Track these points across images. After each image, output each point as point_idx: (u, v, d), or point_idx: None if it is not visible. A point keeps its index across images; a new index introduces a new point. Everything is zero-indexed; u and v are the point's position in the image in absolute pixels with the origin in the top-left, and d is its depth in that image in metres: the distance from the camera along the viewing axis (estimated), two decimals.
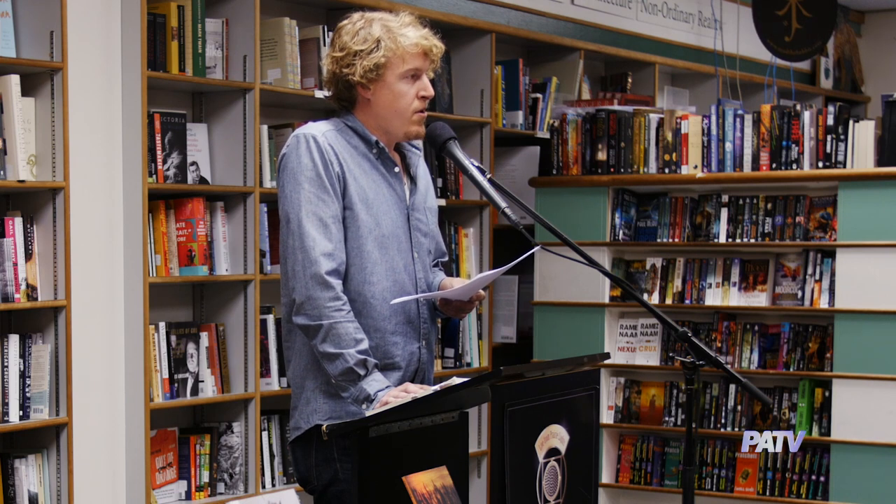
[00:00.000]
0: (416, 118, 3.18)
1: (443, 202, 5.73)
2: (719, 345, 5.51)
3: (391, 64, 3.12)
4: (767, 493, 5.42)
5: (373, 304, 3.12)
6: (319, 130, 3.12)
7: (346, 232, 3.10)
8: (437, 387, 2.94)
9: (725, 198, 5.52)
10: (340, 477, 3.12)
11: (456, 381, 2.91)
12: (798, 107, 5.45)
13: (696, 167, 5.57)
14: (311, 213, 3.04)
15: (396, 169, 3.21)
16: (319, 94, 5.00)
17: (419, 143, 3.34)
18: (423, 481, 2.91)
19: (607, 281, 5.64)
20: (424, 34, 3.16)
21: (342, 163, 3.10)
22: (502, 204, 3.04)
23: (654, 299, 5.64)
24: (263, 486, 4.89)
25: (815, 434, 5.30)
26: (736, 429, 5.47)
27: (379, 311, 3.12)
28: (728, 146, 5.52)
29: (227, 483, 4.84)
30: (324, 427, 2.92)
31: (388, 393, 3.02)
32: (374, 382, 3.03)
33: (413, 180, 3.27)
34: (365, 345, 3.04)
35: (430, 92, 3.18)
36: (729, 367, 3.03)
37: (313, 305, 3.02)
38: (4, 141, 4.17)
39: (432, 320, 3.29)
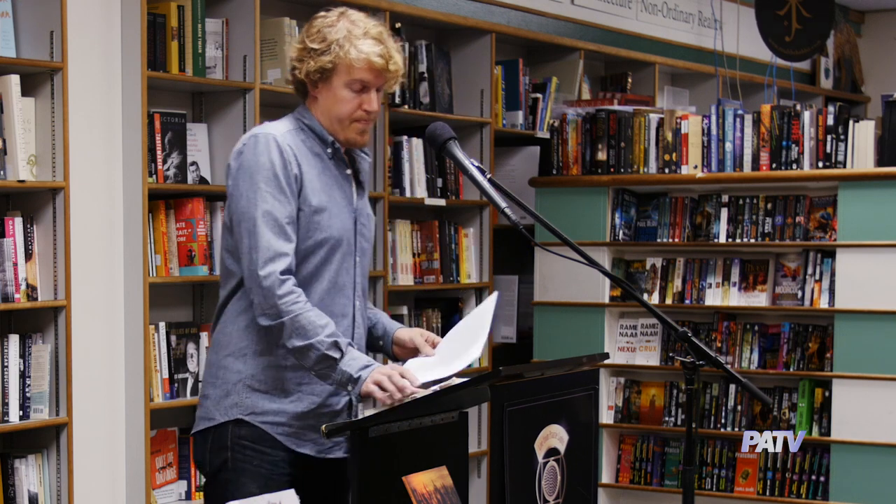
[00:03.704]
0: (355, 127, 3.16)
1: (443, 202, 5.74)
2: (719, 345, 5.51)
3: (338, 70, 3.11)
4: (767, 493, 5.42)
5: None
6: (278, 131, 3.11)
7: (298, 232, 3.08)
8: (436, 387, 2.94)
9: (725, 198, 5.52)
10: (230, 466, 3.10)
11: (455, 381, 2.92)
12: (798, 107, 5.45)
13: (696, 167, 5.57)
14: (266, 213, 3.02)
15: (348, 171, 3.20)
16: None
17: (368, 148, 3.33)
18: (423, 481, 2.91)
19: (607, 281, 5.64)
20: (382, 51, 3.12)
21: (300, 163, 3.08)
22: (502, 204, 3.03)
23: (654, 299, 5.63)
24: None
25: (815, 434, 5.30)
26: (736, 429, 5.47)
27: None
28: (728, 146, 5.52)
29: None
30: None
31: (376, 371, 2.97)
32: (353, 362, 3.00)
33: (360, 185, 3.26)
34: (332, 327, 3.01)
35: (374, 108, 3.15)
36: (729, 367, 3.03)
37: (270, 305, 3.00)
38: (4, 141, 4.17)
39: (364, 327, 3.26)
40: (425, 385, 3.00)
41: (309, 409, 3.14)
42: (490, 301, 3.19)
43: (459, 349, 3.10)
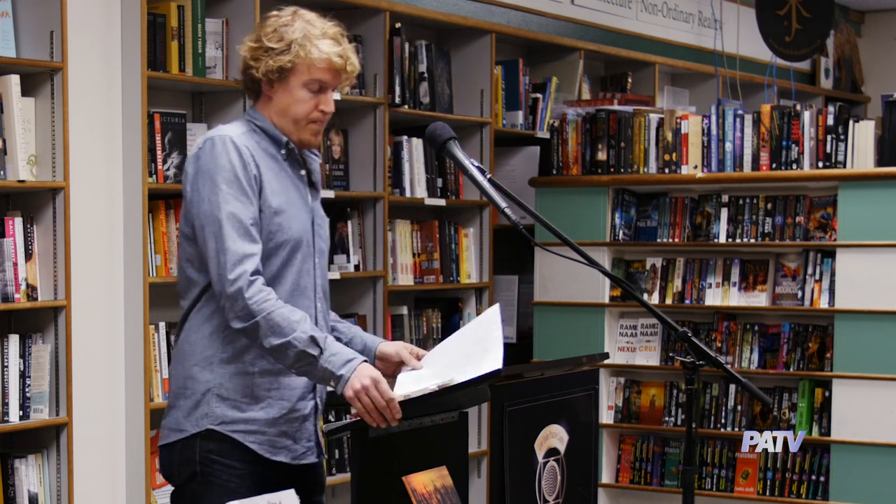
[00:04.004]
0: (311, 128, 3.13)
1: (443, 202, 5.74)
2: (719, 345, 5.51)
3: (297, 70, 3.07)
4: (767, 493, 5.42)
5: None
6: (233, 132, 3.06)
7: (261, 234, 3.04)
8: (434, 385, 2.93)
9: (725, 198, 5.52)
10: (198, 479, 3.05)
11: (456, 379, 2.91)
12: (798, 107, 5.45)
13: (696, 167, 5.57)
14: (231, 215, 2.96)
15: (303, 172, 3.16)
16: None
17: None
18: (423, 481, 2.91)
19: (607, 281, 5.64)
20: (341, 51, 3.10)
21: (258, 164, 3.04)
22: (502, 204, 3.03)
23: (654, 299, 5.63)
24: None
25: (815, 434, 5.30)
26: (736, 429, 5.47)
27: None
28: (728, 146, 5.52)
29: None
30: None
31: (356, 378, 2.89)
32: (334, 358, 2.93)
33: (314, 186, 3.22)
34: (307, 322, 2.95)
35: (331, 108, 3.12)
36: (729, 367, 3.03)
37: (241, 307, 2.94)
38: (4, 141, 4.17)
39: (326, 329, 3.20)
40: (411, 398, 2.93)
41: (280, 414, 3.08)
42: (492, 313, 3.10)
43: (460, 360, 2.99)
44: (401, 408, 2.89)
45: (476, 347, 2.99)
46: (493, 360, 2.87)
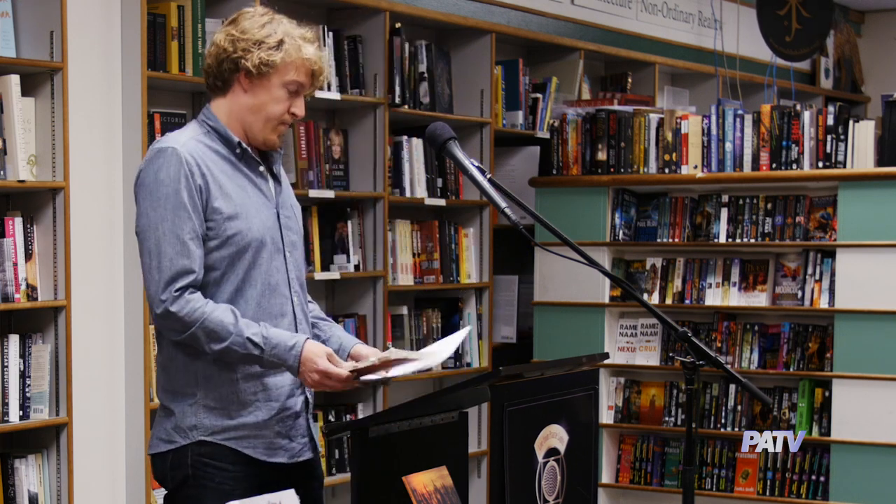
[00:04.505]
0: (279, 129, 3.11)
1: (443, 202, 5.74)
2: (719, 345, 5.51)
3: (282, 69, 3.05)
4: (767, 493, 5.42)
5: (245, 310, 3.02)
6: (179, 142, 3.02)
7: (214, 241, 3.00)
8: (375, 358, 2.96)
9: (725, 198, 5.52)
10: (191, 483, 3.03)
11: (393, 356, 2.93)
12: (798, 107, 5.45)
13: (696, 167, 5.57)
14: (167, 231, 2.94)
15: (261, 168, 3.13)
16: (319, 94, 5.00)
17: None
18: (423, 481, 2.91)
19: (607, 281, 5.64)
20: (321, 56, 3.10)
21: (204, 173, 3.00)
22: (502, 204, 3.03)
23: (654, 299, 5.64)
24: None
25: (815, 434, 5.30)
26: (736, 429, 5.47)
27: (251, 316, 3.03)
28: (728, 146, 5.52)
29: None
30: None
31: (306, 371, 2.94)
32: (276, 350, 2.95)
33: (276, 179, 3.18)
34: (240, 324, 2.94)
35: (302, 112, 3.11)
36: (729, 367, 3.03)
37: (174, 321, 2.94)
38: (4, 141, 4.17)
39: (307, 322, 3.20)
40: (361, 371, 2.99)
41: (270, 416, 3.07)
42: (460, 333, 3.17)
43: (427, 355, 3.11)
44: (402, 408, 2.93)
45: (435, 348, 3.13)
46: (439, 353, 3.02)
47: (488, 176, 3.08)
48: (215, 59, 3.09)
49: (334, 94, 5.18)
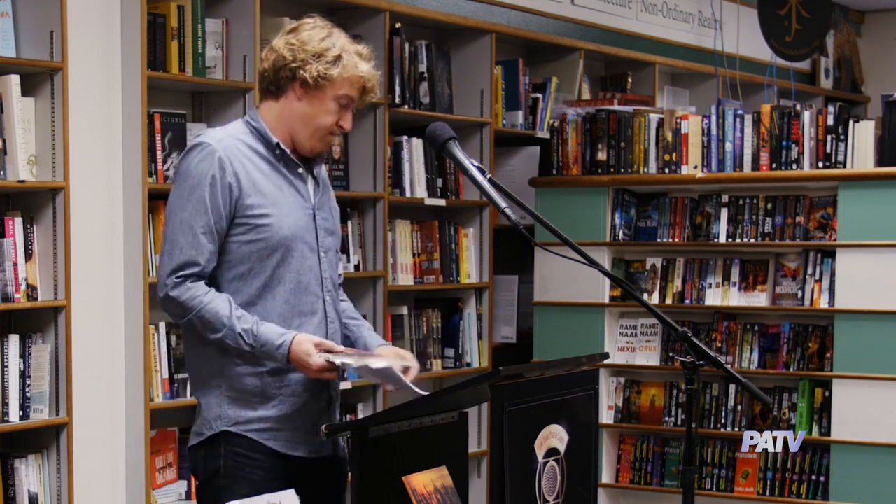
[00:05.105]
0: (326, 140, 3.20)
1: (443, 202, 5.74)
2: (719, 345, 5.51)
3: (337, 83, 3.13)
4: (767, 493, 5.42)
5: (273, 307, 3.11)
6: (216, 138, 3.12)
7: (244, 236, 3.09)
8: (350, 360, 3.01)
9: (725, 198, 5.52)
10: (222, 473, 3.11)
11: (353, 364, 3.03)
12: (798, 107, 5.45)
13: (696, 167, 5.57)
14: (184, 221, 3.05)
15: (300, 170, 3.20)
16: None
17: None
18: (423, 481, 2.91)
19: (607, 281, 5.64)
20: (374, 73, 3.19)
21: (237, 171, 3.08)
22: (502, 204, 3.03)
23: (654, 299, 5.64)
24: None
25: (815, 434, 5.30)
26: (736, 429, 5.47)
27: (280, 312, 3.11)
28: (728, 146, 5.52)
29: None
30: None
31: (301, 360, 3.02)
32: (265, 348, 3.03)
33: (317, 180, 3.26)
34: (234, 318, 3.03)
35: (349, 127, 3.20)
36: (729, 367, 3.03)
37: (176, 304, 3.06)
38: (4, 141, 4.17)
39: (338, 321, 3.26)
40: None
41: (293, 410, 3.13)
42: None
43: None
44: (402, 408, 2.96)
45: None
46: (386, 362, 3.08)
47: (488, 176, 3.08)
48: (273, 66, 3.17)
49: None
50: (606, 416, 5.70)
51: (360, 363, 3.07)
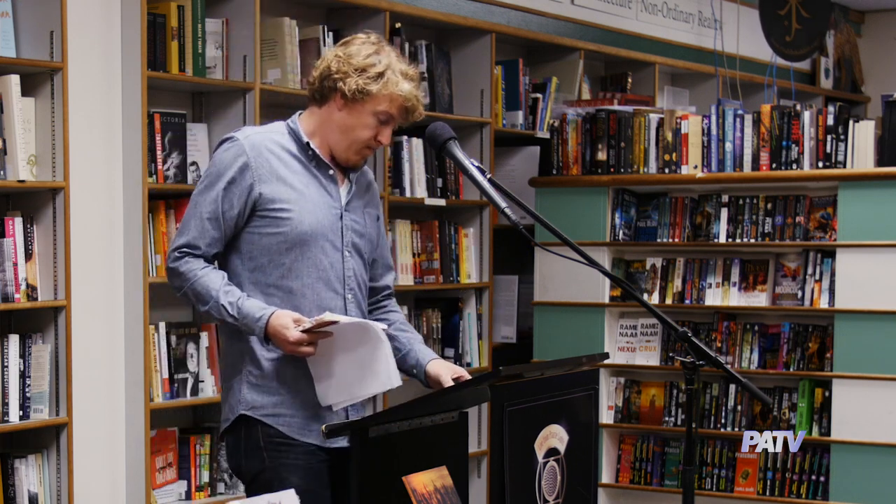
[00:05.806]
0: (362, 153, 3.27)
1: (443, 202, 5.74)
2: (719, 345, 5.51)
3: (376, 99, 3.20)
4: (767, 493, 5.42)
5: (292, 298, 3.19)
6: (245, 133, 3.24)
7: (265, 228, 3.18)
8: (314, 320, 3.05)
9: (725, 198, 5.52)
10: (267, 465, 3.16)
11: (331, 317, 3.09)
12: (798, 107, 5.45)
13: (696, 167, 5.57)
14: (197, 205, 3.21)
15: (331, 172, 3.27)
16: None
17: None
18: (423, 481, 2.91)
19: (607, 281, 5.64)
20: (417, 93, 3.25)
21: (262, 164, 3.19)
22: (502, 204, 3.04)
23: (654, 299, 5.63)
24: None
25: (815, 434, 5.30)
26: (736, 429, 5.47)
27: (298, 304, 3.18)
28: (728, 146, 5.52)
29: (227, 483, 4.84)
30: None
31: (280, 336, 3.07)
32: (246, 320, 3.11)
33: (352, 184, 3.31)
34: (222, 293, 3.14)
35: (386, 141, 3.26)
36: (729, 367, 3.03)
37: (174, 275, 3.21)
38: (4, 141, 4.17)
39: (361, 316, 3.30)
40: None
41: (309, 397, 3.18)
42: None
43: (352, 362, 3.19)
44: (402, 408, 2.98)
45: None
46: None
47: (488, 176, 3.09)
48: (320, 75, 3.27)
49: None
50: (606, 416, 5.70)
51: (331, 319, 3.08)
